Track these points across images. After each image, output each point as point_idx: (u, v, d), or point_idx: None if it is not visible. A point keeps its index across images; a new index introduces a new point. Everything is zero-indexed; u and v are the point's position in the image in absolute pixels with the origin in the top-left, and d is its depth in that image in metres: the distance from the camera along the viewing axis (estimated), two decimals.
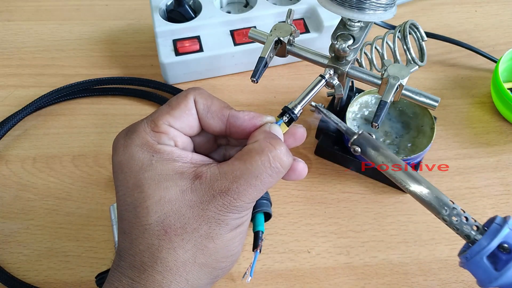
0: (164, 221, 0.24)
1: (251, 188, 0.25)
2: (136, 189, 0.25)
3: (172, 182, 0.25)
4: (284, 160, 0.25)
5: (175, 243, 0.24)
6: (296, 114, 0.29)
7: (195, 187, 0.25)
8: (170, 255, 0.24)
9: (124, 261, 0.25)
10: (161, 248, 0.24)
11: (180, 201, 0.24)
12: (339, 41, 0.32)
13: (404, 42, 0.38)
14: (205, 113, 0.27)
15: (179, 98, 0.27)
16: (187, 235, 0.24)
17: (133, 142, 0.25)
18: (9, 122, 0.45)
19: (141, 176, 0.25)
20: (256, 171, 0.24)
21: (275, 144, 0.25)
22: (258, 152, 0.25)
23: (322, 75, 0.31)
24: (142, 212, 0.24)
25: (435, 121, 0.42)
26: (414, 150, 0.41)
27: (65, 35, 0.55)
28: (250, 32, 0.36)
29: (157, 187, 0.24)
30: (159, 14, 0.50)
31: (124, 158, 0.25)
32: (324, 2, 0.32)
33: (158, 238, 0.24)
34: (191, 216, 0.24)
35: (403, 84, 0.32)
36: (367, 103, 0.44)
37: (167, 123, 0.26)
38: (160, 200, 0.24)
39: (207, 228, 0.25)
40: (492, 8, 0.59)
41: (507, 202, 0.42)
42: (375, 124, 0.31)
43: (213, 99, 0.27)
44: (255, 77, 0.33)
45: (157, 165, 0.25)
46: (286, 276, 0.37)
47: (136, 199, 0.25)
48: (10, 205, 0.41)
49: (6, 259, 0.38)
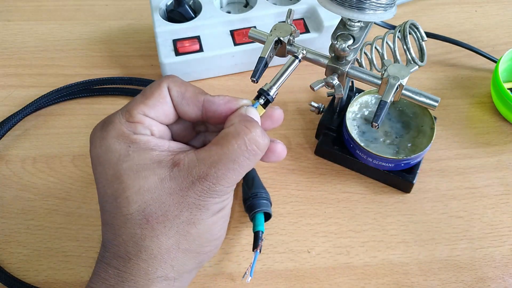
0: (145, 210, 0.24)
1: (230, 172, 0.25)
2: (116, 180, 0.25)
3: (151, 171, 0.25)
4: (260, 142, 0.25)
5: (157, 231, 0.25)
6: (271, 95, 0.29)
7: (174, 174, 0.25)
8: (153, 243, 0.24)
9: (108, 252, 0.25)
10: (144, 236, 0.24)
11: (159, 189, 0.25)
12: (339, 41, 0.32)
13: (404, 42, 0.38)
14: (180, 100, 0.27)
15: (153, 87, 0.27)
16: (169, 222, 0.25)
17: (108, 134, 0.26)
18: (9, 122, 0.45)
19: (119, 167, 0.25)
20: (233, 155, 0.25)
21: (251, 126, 0.25)
22: (234, 136, 0.25)
23: (296, 54, 0.30)
24: (123, 202, 0.25)
25: (435, 121, 0.42)
26: (414, 150, 0.41)
27: (65, 35, 0.55)
28: (250, 32, 0.36)
29: (136, 177, 0.25)
30: (159, 14, 0.50)
31: (101, 151, 0.26)
32: (324, 2, 0.32)
33: (141, 227, 0.24)
34: (171, 203, 0.25)
35: (403, 84, 0.32)
36: (367, 103, 0.44)
37: (142, 112, 0.26)
38: (139, 190, 0.24)
39: (189, 214, 0.25)
40: (492, 8, 0.59)
41: (507, 202, 0.42)
42: (375, 124, 0.31)
43: (187, 86, 0.27)
44: (255, 77, 0.33)
45: (134, 155, 0.25)
46: (286, 276, 0.37)
47: (116, 190, 0.25)
48: (10, 205, 0.41)
49: (6, 259, 0.38)
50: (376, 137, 0.42)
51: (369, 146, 0.41)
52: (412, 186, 0.41)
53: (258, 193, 0.39)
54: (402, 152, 0.41)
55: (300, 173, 0.43)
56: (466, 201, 0.42)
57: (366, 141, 0.42)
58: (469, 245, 0.39)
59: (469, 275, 0.38)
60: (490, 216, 0.41)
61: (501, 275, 0.38)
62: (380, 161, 0.40)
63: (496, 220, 0.41)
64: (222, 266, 0.38)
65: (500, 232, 0.40)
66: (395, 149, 0.42)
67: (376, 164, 0.41)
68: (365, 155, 0.40)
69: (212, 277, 0.37)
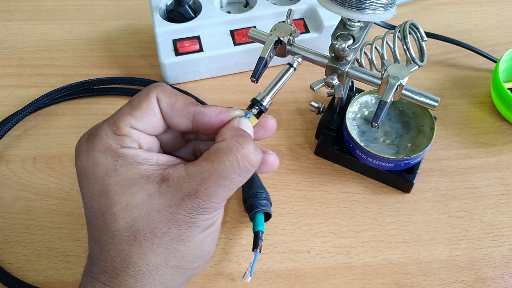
0: (133, 227, 0.24)
1: (220, 188, 0.24)
2: (103, 196, 0.24)
3: (138, 186, 0.24)
4: (252, 158, 0.24)
5: (145, 248, 0.24)
6: (265, 106, 0.28)
7: (163, 190, 0.24)
8: (141, 260, 0.24)
9: (95, 266, 0.25)
10: (131, 253, 0.24)
11: (147, 206, 0.24)
12: (339, 41, 0.32)
13: (404, 42, 0.38)
14: (169, 112, 0.26)
15: (141, 97, 0.26)
16: (157, 239, 0.24)
17: (95, 148, 0.25)
18: (9, 122, 0.45)
19: (106, 182, 0.24)
20: (224, 172, 0.24)
21: (243, 142, 0.24)
22: (225, 152, 0.24)
23: (290, 63, 0.30)
24: (110, 218, 0.24)
25: (435, 121, 0.42)
26: (414, 150, 0.41)
27: (65, 35, 0.55)
28: (250, 32, 0.36)
29: (123, 192, 0.24)
30: (159, 14, 0.50)
31: (87, 165, 0.25)
32: (324, 2, 0.32)
33: (128, 244, 0.24)
34: (159, 220, 0.24)
35: (403, 84, 0.32)
36: (367, 103, 0.44)
37: (129, 124, 0.25)
38: (127, 206, 0.24)
39: (177, 232, 0.24)
40: (492, 8, 0.59)
41: (507, 202, 0.42)
42: (375, 124, 0.31)
43: (177, 96, 0.26)
44: (255, 77, 0.33)
45: (121, 170, 0.24)
46: (286, 276, 0.37)
47: (103, 206, 0.24)
48: (10, 205, 0.41)
49: (6, 259, 0.38)
50: (376, 137, 0.42)
51: (369, 146, 0.41)
52: (412, 186, 0.41)
53: (258, 193, 0.39)
54: (402, 152, 0.41)
55: (300, 173, 0.43)
56: (466, 201, 0.42)
57: (366, 141, 0.42)
58: (469, 245, 0.39)
59: (469, 275, 0.38)
60: (490, 216, 0.41)
61: (501, 275, 0.38)
62: (380, 161, 0.40)
63: (496, 220, 0.41)
64: (222, 266, 0.38)
65: (500, 232, 0.40)
66: (395, 149, 0.42)
67: (376, 164, 0.41)
68: (365, 155, 0.40)
69: (212, 277, 0.37)
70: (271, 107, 0.48)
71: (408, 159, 0.39)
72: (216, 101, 0.49)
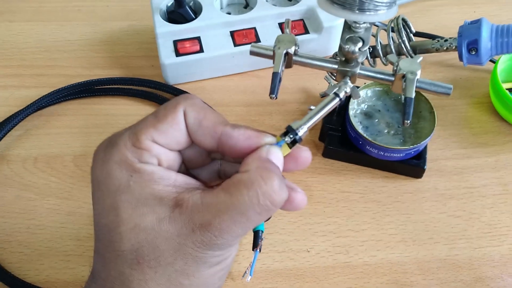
0: (138, 251, 0.22)
1: (236, 225, 0.22)
2: (112, 211, 0.23)
3: (150, 208, 0.22)
4: (275, 198, 0.22)
5: (147, 275, 0.22)
6: (300, 136, 0.25)
7: (174, 216, 0.22)
8: (141, 287, 0.22)
9: (96, 284, 0.24)
10: (132, 278, 0.22)
11: (156, 231, 0.22)
12: (349, 44, 0.33)
13: (399, 36, 0.39)
14: (195, 128, 0.24)
15: (167, 108, 0.24)
16: (161, 269, 0.22)
17: (111, 158, 0.23)
18: (10, 122, 0.45)
19: (118, 198, 0.23)
20: (242, 207, 0.22)
21: (267, 178, 0.22)
22: (246, 186, 0.22)
23: (337, 93, 0.27)
24: (116, 237, 0.22)
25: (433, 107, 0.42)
26: (419, 137, 0.42)
27: (66, 36, 0.55)
28: (251, 47, 0.35)
29: (133, 212, 0.22)
30: (159, 15, 0.50)
31: (102, 175, 0.23)
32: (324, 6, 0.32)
33: (130, 268, 0.22)
34: (165, 248, 0.22)
35: (418, 77, 0.32)
36: (364, 98, 0.44)
37: (151, 138, 0.23)
38: (134, 228, 0.22)
39: (183, 264, 0.22)
40: (491, 8, 0.59)
41: (505, 202, 0.42)
42: (406, 122, 0.31)
43: (206, 112, 0.24)
44: (273, 93, 0.32)
45: (135, 187, 0.22)
46: (286, 275, 0.38)
47: (111, 222, 0.23)
48: (11, 204, 0.41)
49: (7, 258, 0.38)
50: (379, 129, 0.43)
51: (376, 140, 0.41)
52: (424, 172, 0.42)
53: None
54: (408, 140, 0.42)
55: (299, 173, 0.44)
56: (464, 201, 0.42)
57: (372, 135, 0.42)
58: (467, 244, 0.39)
59: (468, 274, 0.38)
60: (488, 216, 0.41)
61: (499, 274, 0.38)
62: (391, 152, 0.40)
63: (495, 219, 0.41)
64: None
65: (498, 231, 0.40)
66: (401, 139, 0.42)
67: (388, 156, 0.41)
68: (376, 149, 0.41)
69: None
70: (272, 107, 0.49)
71: (417, 146, 0.40)
72: (216, 101, 0.49)
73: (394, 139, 0.42)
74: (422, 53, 0.41)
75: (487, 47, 0.38)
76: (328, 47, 0.52)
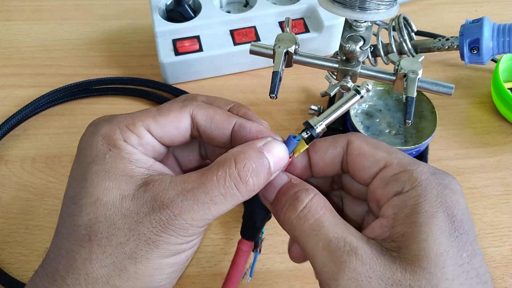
0: (93, 226, 0.21)
1: (198, 205, 0.21)
2: (80, 183, 0.22)
3: (116, 183, 0.22)
4: (240, 183, 0.21)
5: (93, 254, 0.21)
6: (317, 132, 0.24)
7: (138, 194, 0.22)
8: (84, 267, 0.21)
9: (41, 267, 0.23)
10: (78, 256, 0.21)
11: (115, 207, 0.21)
12: (350, 43, 0.32)
13: (400, 35, 0.39)
14: (208, 125, 0.24)
15: (173, 106, 0.24)
16: (110, 248, 0.21)
17: (99, 131, 0.23)
18: (7, 124, 0.45)
19: (89, 169, 0.22)
20: (207, 186, 0.21)
21: (239, 161, 0.21)
22: (218, 165, 0.21)
23: (358, 90, 0.25)
24: (76, 210, 0.22)
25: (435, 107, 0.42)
26: (421, 137, 0.41)
27: (65, 35, 0.55)
28: (251, 46, 0.35)
29: (98, 185, 0.22)
30: (158, 14, 0.50)
31: (84, 146, 0.23)
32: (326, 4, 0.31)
33: (79, 245, 0.21)
34: (121, 227, 0.21)
35: (419, 76, 0.32)
36: (365, 98, 0.44)
37: (146, 126, 0.23)
38: (96, 202, 0.21)
39: (134, 246, 0.21)
40: (493, 7, 0.59)
41: (507, 202, 0.42)
42: (408, 122, 0.31)
43: (215, 109, 0.25)
44: (273, 93, 0.32)
45: (109, 160, 0.22)
46: (286, 277, 0.37)
47: (76, 194, 0.22)
48: (10, 205, 0.41)
49: (5, 259, 0.38)
50: (381, 129, 0.42)
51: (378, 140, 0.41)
52: None
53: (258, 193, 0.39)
54: (410, 140, 0.41)
55: None
56: (466, 201, 0.42)
57: (373, 135, 0.42)
58: None
59: None
60: (490, 216, 0.41)
61: (501, 275, 0.37)
62: None
63: (496, 220, 0.41)
64: (222, 266, 0.38)
65: (500, 232, 0.40)
66: (402, 139, 0.42)
67: None
68: None
69: (212, 277, 0.37)
70: (272, 107, 0.48)
71: (418, 146, 0.40)
72: None
73: (395, 139, 0.42)
74: (424, 52, 0.41)
75: (488, 46, 0.38)
76: (329, 46, 0.52)
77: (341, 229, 0.21)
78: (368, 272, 0.20)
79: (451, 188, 0.22)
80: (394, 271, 0.20)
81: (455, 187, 0.22)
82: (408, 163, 0.23)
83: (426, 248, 0.20)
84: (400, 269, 0.20)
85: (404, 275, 0.20)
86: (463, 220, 0.21)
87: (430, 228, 0.20)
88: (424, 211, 0.21)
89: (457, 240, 0.20)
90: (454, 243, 0.20)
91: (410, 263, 0.20)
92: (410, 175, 0.22)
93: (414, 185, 0.22)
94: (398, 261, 0.20)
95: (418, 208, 0.21)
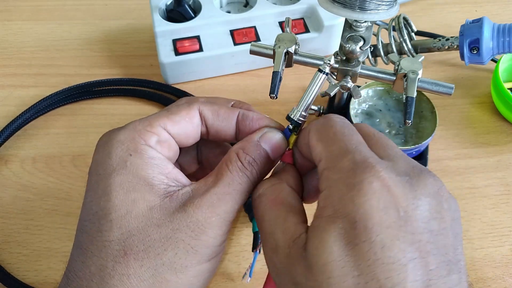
0: (127, 240, 0.21)
1: (225, 197, 0.23)
2: (104, 196, 0.22)
3: (140, 194, 0.22)
4: (248, 173, 0.24)
5: (131, 269, 0.21)
6: (295, 120, 0.27)
7: (164, 204, 0.22)
8: (122, 283, 0.21)
9: (69, 285, 0.22)
10: (114, 272, 0.21)
11: (147, 219, 0.21)
12: (350, 43, 0.32)
13: (401, 35, 0.39)
14: (215, 118, 0.26)
15: (180, 105, 0.25)
16: (148, 261, 0.21)
17: (116, 137, 0.23)
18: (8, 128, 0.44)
19: (111, 180, 0.22)
20: (226, 179, 0.23)
21: (241, 155, 0.24)
22: (227, 162, 0.24)
23: (321, 69, 0.27)
24: (106, 225, 0.21)
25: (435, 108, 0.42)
26: (421, 137, 0.41)
27: (65, 35, 0.55)
28: (251, 46, 0.35)
29: (125, 197, 0.22)
30: (158, 14, 0.50)
31: (101, 157, 0.23)
32: (325, 4, 0.31)
33: (114, 260, 0.21)
34: (157, 238, 0.21)
35: (420, 76, 0.32)
36: (365, 98, 0.44)
37: (163, 125, 0.24)
38: (126, 215, 0.21)
39: (172, 256, 0.21)
40: (493, 7, 0.59)
41: (507, 202, 0.42)
42: (408, 122, 0.31)
43: (219, 104, 0.26)
44: (274, 93, 0.32)
45: (131, 168, 0.22)
46: None
47: (101, 209, 0.22)
48: (10, 205, 0.41)
49: (5, 259, 0.38)
50: (381, 129, 0.42)
51: None
52: None
53: None
54: (410, 140, 0.41)
55: None
56: (466, 201, 0.42)
57: None
58: (469, 245, 0.39)
59: (469, 275, 0.38)
60: (490, 216, 0.41)
61: (501, 275, 0.37)
62: None
63: (496, 220, 0.41)
64: (222, 266, 0.38)
65: (500, 232, 0.40)
66: (402, 139, 0.42)
67: None
68: None
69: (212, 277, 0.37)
70: (272, 106, 0.48)
71: (418, 146, 0.40)
72: None
73: (395, 139, 0.42)
74: (424, 52, 0.41)
75: (488, 46, 0.38)
76: (329, 46, 0.52)
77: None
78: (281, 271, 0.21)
79: (360, 189, 0.19)
80: (299, 271, 0.20)
81: (366, 187, 0.19)
82: (333, 158, 0.21)
83: (316, 256, 0.19)
84: (303, 269, 0.20)
85: (305, 277, 0.19)
86: (366, 227, 0.18)
87: (326, 235, 0.19)
88: (326, 216, 0.20)
89: (357, 249, 0.18)
90: (351, 251, 0.18)
91: (308, 267, 0.19)
92: (327, 174, 0.21)
93: (326, 185, 0.21)
94: (303, 262, 0.20)
95: (322, 212, 0.20)
